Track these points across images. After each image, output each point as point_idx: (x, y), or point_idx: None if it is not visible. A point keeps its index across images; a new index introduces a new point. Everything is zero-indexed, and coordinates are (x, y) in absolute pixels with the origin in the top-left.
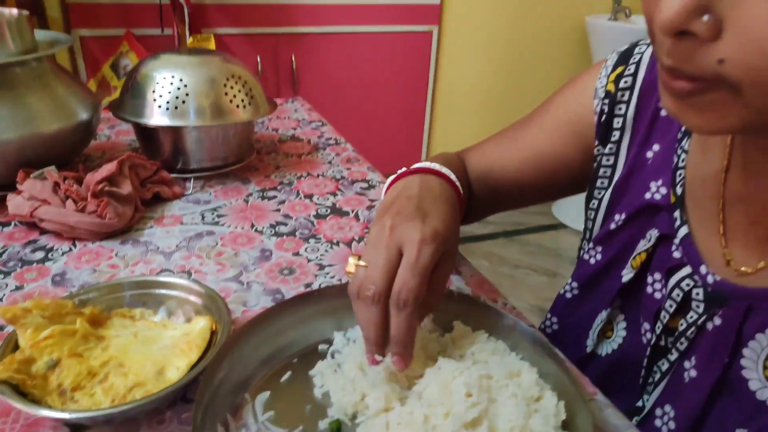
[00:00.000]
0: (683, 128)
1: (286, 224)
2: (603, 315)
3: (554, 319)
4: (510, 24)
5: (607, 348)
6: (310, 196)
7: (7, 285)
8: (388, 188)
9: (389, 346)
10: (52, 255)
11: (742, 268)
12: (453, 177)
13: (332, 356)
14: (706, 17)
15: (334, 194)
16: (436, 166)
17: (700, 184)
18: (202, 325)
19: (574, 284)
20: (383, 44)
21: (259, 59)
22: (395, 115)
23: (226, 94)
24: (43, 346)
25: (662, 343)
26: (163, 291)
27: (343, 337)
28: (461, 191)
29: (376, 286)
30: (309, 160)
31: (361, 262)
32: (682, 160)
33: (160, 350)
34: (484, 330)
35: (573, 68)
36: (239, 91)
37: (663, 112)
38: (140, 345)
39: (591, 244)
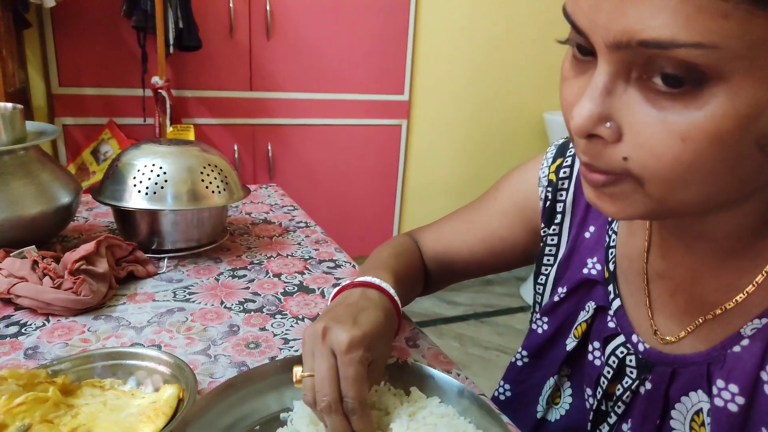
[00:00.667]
0: None
1: (254, 301)
2: (551, 382)
3: (507, 386)
4: (474, 119)
5: (555, 414)
6: (278, 275)
7: None
8: (333, 297)
9: None
10: (25, 330)
11: (667, 337)
12: (392, 291)
13: (291, 422)
14: (608, 124)
15: (302, 273)
16: (377, 280)
17: (627, 262)
18: (169, 393)
19: (524, 353)
20: (356, 136)
21: (236, 147)
22: (367, 200)
23: (202, 180)
24: (16, 412)
25: (603, 407)
26: (132, 362)
27: (302, 405)
28: (398, 303)
29: (328, 397)
30: (279, 242)
31: (305, 373)
32: (613, 240)
33: (128, 417)
34: (437, 396)
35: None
36: (215, 178)
37: None
38: (109, 413)
39: (538, 315)
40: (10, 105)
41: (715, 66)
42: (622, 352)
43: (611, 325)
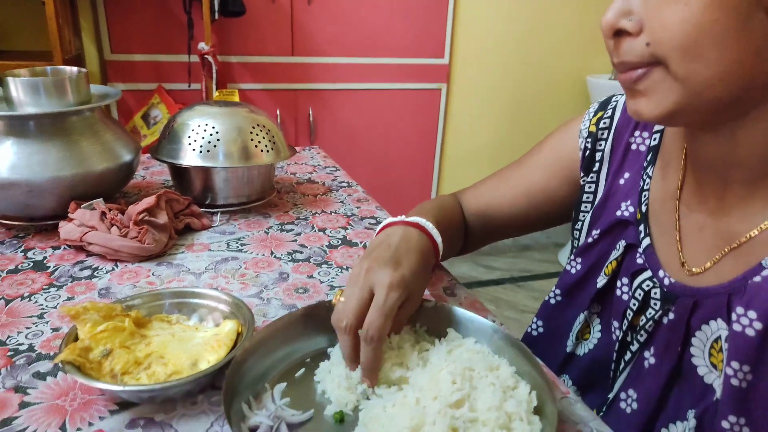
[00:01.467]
0: (648, 158)
1: (301, 252)
2: (581, 318)
3: (540, 323)
4: (515, 82)
5: (584, 348)
6: (323, 230)
7: (60, 296)
8: (378, 232)
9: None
10: (97, 273)
11: (693, 269)
12: (433, 231)
13: (331, 355)
14: (630, 18)
15: (345, 228)
16: (421, 221)
17: (660, 203)
18: (229, 327)
19: (558, 291)
20: (395, 100)
21: (278, 112)
22: (406, 164)
23: (251, 140)
24: (99, 338)
25: (628, 338)
26: (196, 300)
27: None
28: (438, 243)
29: (348, 320)
30: (323, 200)
31: (342, 298)
32: (647, 184)
33: (194, 347)
34: (472, 337)
35: None
36: (263, 138)
37: (633, 146)
38: (177, 343)
39: (573, 256)
40: (75, 69)
41: None
42: (647, 285)
43: (639, 261)
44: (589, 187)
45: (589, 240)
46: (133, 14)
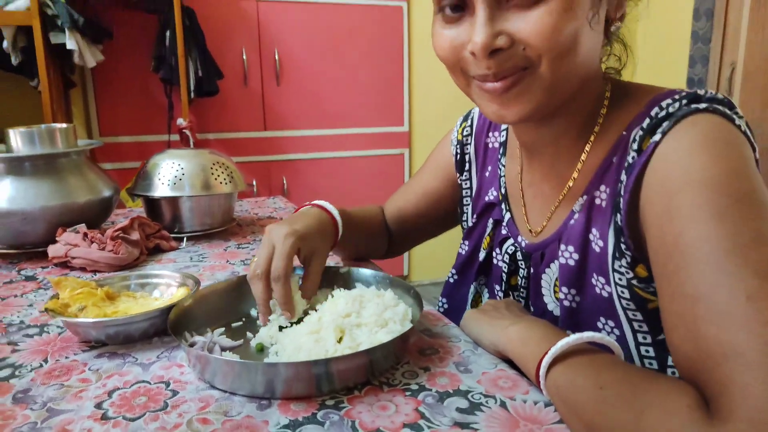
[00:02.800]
0: (501, 151)
1: (253, 259)
2: (471, 289)
3: (444, 300)
4: None
5: None
6: None
7: (47, 294)
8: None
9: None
10: (82, 278)
11: (537, 229)
12: (333, 211)
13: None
14: (501, 37)
15: None
16: (323, 203)
17: (512, 184)
18: (182, 292)
19: (453, 271)
20: (362, 166)
21: (254, 182)
22: None
23: (212, 174)
24: (76, 297)
25: (511, 298)
26: (156, 279)
27: None
28: (336, 218)
29: (259, 268)
30: None
31: (255, 258)
32: (503, 172)
33: (154, 307)
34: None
35: None
36: (222, 173)
37: (490, 144)
38: (139, 306)
39: (462, 241)
40: (65, 124)
41: None
42: (511, 250)
43: (504, 232)
44: (466, 184)
45: (470, 224)
46: (120, 101)
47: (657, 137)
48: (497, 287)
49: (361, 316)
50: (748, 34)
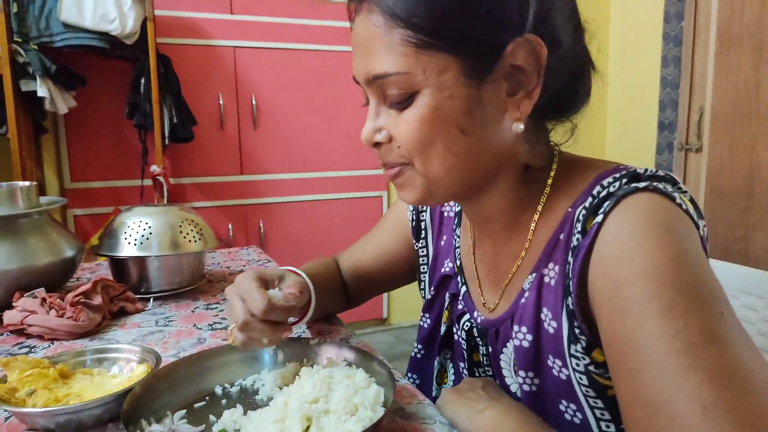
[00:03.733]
0: (456, 221)
1: (220, 323)
2: (435, 364)
3: (414, 376)
4: None
5: None
6: None
7: None
8: None
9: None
10: (34, 350)
11: (490, 306)
12: (297, 270)
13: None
14: (382, 133)
15: None
16: (290, 267)
17: (466, 257)
18: (141, 369)
19: (419, 346)
20: (340, 209)
21: (230, 226)
22: None
23: (180, 232)
24: (25, 380)
25: (476, 374)
26: (114, 354)
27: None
28: (300, 272)
29: (242, 316)
30: None
31: (230, 326)
32: (457, 243)
33: (110, 388)
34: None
35: None
36: (191, 230)
37: (445, 213)
38: (95, 387)
39: (422, 313)
40: (27, 182)
41: (411, 85)
42: (467, 326)
43: (460, 306)
44: (422, 251)
45: (429, 296)
46: (93, 146)
47: (599, 218)
48: (461, 364)
49: (329, 401)
50: (714, 79)
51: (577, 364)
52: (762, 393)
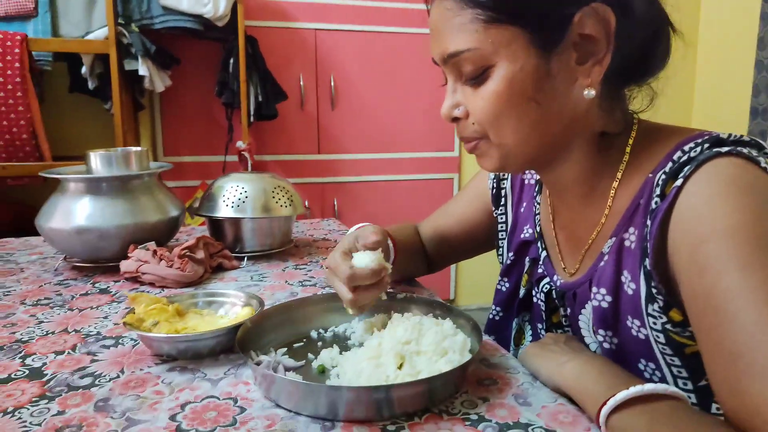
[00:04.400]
0: (536, 189)
1: (310, 281)
2: (513, 325)
3: (492, 338)
4: None
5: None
6: None
7: (119, 308)
8: None
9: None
10: (149, 292)
11: (570, 271)
12: (385, 228)
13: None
14: (459, 108)
15: None
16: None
17: (546, 223)
18: (246, 311)
19: (497, 308)
20: (412, 190)
21: (306, 203)
22: None
23: (273, 197)
24: (150, 313)
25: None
26: (221, 298)
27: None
28: (389, 234)
29: (348, 294)
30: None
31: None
32: (537, 210)
33: (219, 326)
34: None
35: None
36: (282, 196)
37: (526, 181)
38: (207, 324)
39: (500, 277)
40: (139, 148)
41: (484, 59)
42: (546, 288)
43: (540, 270)
44: (501, 218)
45: (508, 262)
46: (184, 123)
47: (679, 182)
48: (539, 325)
49: (420, 344)
50: None
51: (655, 323)
52: None
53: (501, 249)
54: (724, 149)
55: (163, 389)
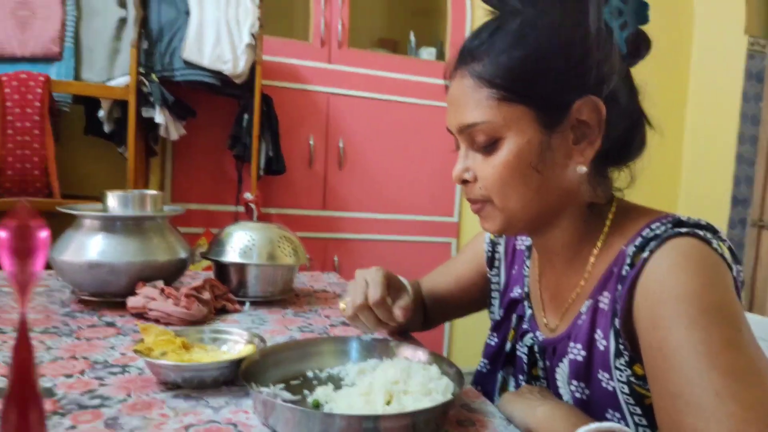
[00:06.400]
0: (526, 254)
1: (308, 327)
2: (498, 377)
3: (478, 388)
4: None
5: None
6: (329, 317)
7: (125, 341)
8: None
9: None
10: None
11: (551, 327)
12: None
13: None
14: (469, 173)
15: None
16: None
17: (533, 284)
18: (248, 348)
19: (485, 361)
20: (411, 251)
21: (308, 257)
22: None
23: (278, 246)
24: (158, 343)
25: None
26: (225, 336)
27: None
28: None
29: (359, 299)
30: (334, 301)
31: (347, 297)
32: (527, 272)
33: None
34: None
35: None
36: (287, 246)
37: (518, 247)
38: (210, 358)
39: (490, 332)
40: (155, 191)
41: (495, 131)
42: (529, 342)
43: (525, 326)
44: (495, 278)
45: (498, 318)
46: (194, 172)
47: (645, 254)
48: (521, 377)
49: (408, 384)
50: None
51: (621, 376)
52: None
53: (492, 306)
54: (684, 230)
55: (168, 413)
